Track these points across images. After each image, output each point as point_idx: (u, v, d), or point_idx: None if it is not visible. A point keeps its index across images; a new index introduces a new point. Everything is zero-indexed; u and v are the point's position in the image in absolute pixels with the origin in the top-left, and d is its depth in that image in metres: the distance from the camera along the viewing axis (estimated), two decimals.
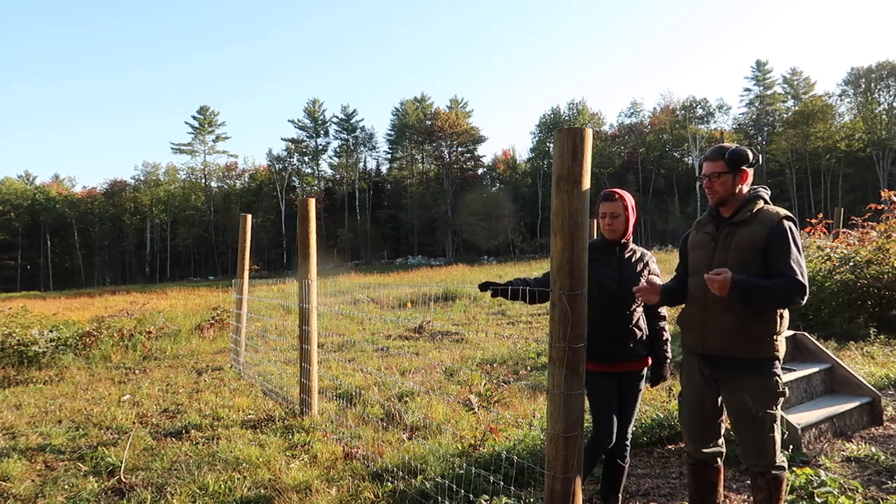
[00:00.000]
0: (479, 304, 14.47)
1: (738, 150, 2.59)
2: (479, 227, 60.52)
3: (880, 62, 57.23)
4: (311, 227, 5.34)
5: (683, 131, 63.64)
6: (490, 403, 5.24)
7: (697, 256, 2.74)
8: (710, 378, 2.69)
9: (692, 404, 2.78)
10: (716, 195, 2.65)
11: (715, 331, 2.62)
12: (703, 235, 2.74)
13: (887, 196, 8.44)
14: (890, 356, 6.37)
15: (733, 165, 2.59)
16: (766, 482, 2.59)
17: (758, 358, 2.55)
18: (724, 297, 2.45)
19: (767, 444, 2.56)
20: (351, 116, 73.53)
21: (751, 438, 2.58)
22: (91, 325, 9.48)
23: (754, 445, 2.58)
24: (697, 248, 2.75)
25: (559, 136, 2.27)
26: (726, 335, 2.58)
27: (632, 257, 3.11)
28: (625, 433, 3.12)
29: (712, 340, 2.63)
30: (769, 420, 2.55)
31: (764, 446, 2.57)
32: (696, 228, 2.83)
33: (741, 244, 2.56)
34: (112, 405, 5.94)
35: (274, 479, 3.81)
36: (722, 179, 2.62)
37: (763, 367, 2.56)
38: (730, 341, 2.58)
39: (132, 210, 72.10)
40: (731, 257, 2.57)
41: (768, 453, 2.57)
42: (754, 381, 2.56)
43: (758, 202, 2.61)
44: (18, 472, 4.12)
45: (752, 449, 2.59)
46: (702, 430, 2.77)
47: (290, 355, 7.98)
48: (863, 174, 56.83)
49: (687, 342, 2.79)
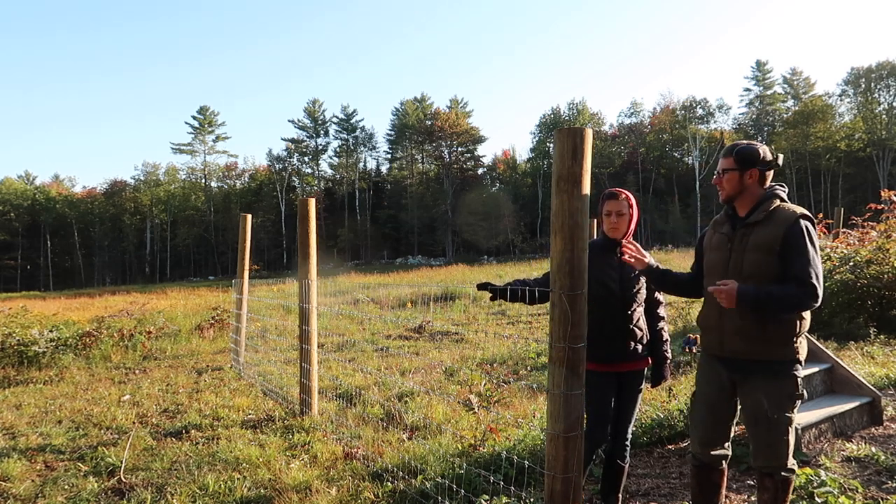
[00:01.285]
0: (479, 304, 14.46)
1: (747, 147, 2.57)
2: (479, 227, 60.49)
3: (880, 62, 57.20)
4: (311, 227, 5.34)
5: (683, 131, 63.60)
6: (490, 403, 5.24)
7: (714, 258, 2.68)
8: (727, 380, 2.65)
9: (706, 405, 2.74)
10: (723, 192, 2.64)
11: (732, 334, 2.57)
12: (719, 236, 2.68)
13: (887, 196, 8.44)
14: (890, 356, 6.37)
15: (741, 163, 2.56)
16: (773, 483, 2.56)
17: (776, 360, 2.51)
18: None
19: (781, 446, 2.53)
20: (351, 116, 73.52)
21: (764, 440, 2.55)
22: (91, 326, 9.47)
23: (768, 447, 2.55)
24: (714, 250, 2.69)
25: (559, 137, 2.27)
26: (743, 338, 2.53)
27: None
28: (625, 433, 3.12)
29: (730, 343, 2.59)
30: (785, 423, 2.51)
31: (777, 449, 2.53)
32: (712, 228, 2.78)
33: (757, 245, 2.50)
34: (112, 405, 5.94)
35: (274, 479, 3.81)
36: (728, 176, 2.59)
37: (781, 369, 2.51)
38: (747, 344, 2.53)
39: (132, 210, 72.05)
40: (747, 259, 2.51)
41: (781, 455, 2.54)
42: (771, 384, 2.52)
43: (774, 201, 2.54)
44: (18, 472, 4.12)
45: (765, 450, 2.56)
46: (712, 432, 2.74)
47: (290, 355, 7.98)
48: (863, 174, 56.81)
49: (705, 343, 2.76)
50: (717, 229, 2.73)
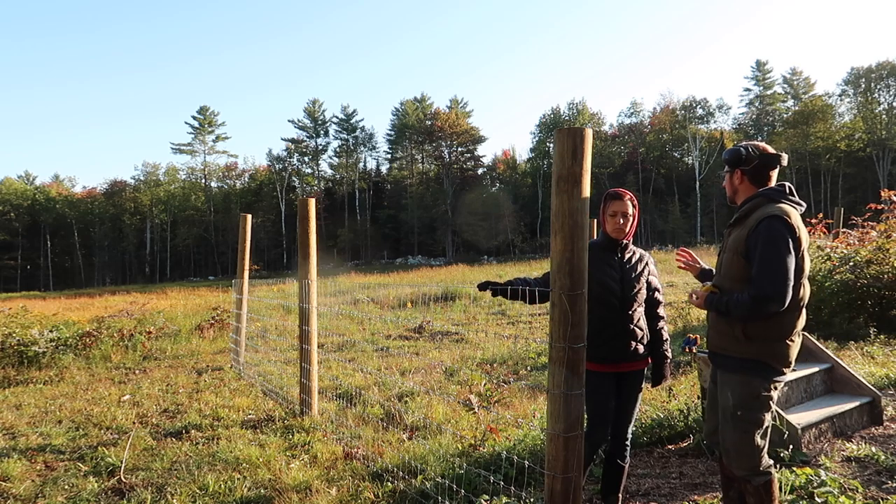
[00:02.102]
0: (479, 304, 14.46)
1: (731, 149, 2.67)
2: (479, 227, 60.48)
3: (880, 62, 57.14)
4: (311, 227, 5.34)
5: (683, 131, 63.59)
6: (490, 403, 5.24)
7: (719, 258, 2.78)
8: (715, 374, 2.74)
9: (708, 400, 2.88)
10: (727, 193, 2.74)
11: (713, 329, 2.69)
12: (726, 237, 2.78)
13: (887, 196, 8.43)
14: (890, 356, 6.37)
15: (727, 164, 2.68)
16: (753, 488, 2.52)
17: (747, 358, 2.50)
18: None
19: (747, 448, 2.49)
20: (351, 116, 73.51)
21: (730, 439, 2.54)
22: (91, 326, 9.48)
23: (734, 446, 2.53)
24: (721, 251, 2.77)
25: (559, 137, 2.27)
26: (718, 334, 2.63)
27: (632, 257, 3.11)
28: (625, 433, 3.12)
29: (711, 337, 2.71)
30: (752, 423, 2.49)
31: (743, 450, 2.50)
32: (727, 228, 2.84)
33: (729, 246, 2.59)
34: (112, 405, 5.94)
35: (274, 479, 3.81)
36: (725, 178, 2.71)
37: (753, 367, 2.49)
38: (721, 339, 2.61)
39: (132, 210, 72.04)
40: (724, 259, 2.62)
41: (748, 457, 2.50)
42: (737, 380, 2.53)
43: (758, 201, 2.52)
44: (18, 472, 4.12)
45: (732, 451, 2.55)
46: (713, 422, 2.80)
47: (290, 355, 7.98)
48: (863, 174, 56.79)
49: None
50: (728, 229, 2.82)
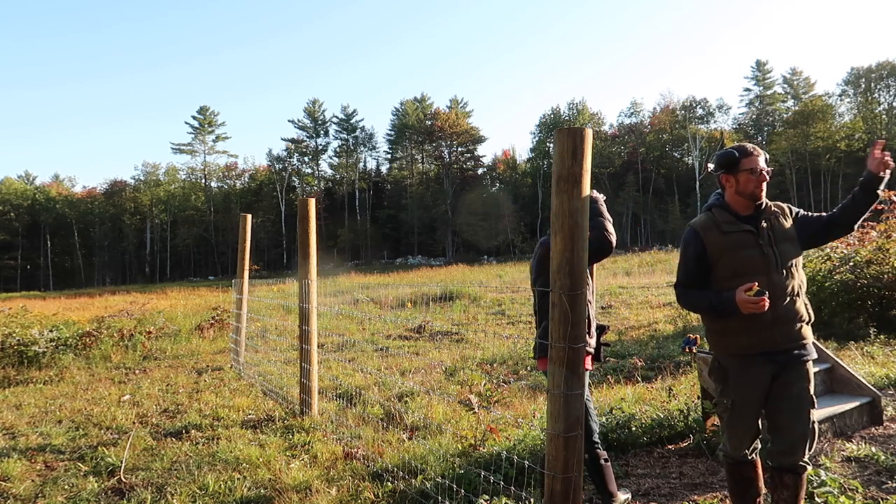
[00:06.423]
0: (479, 304, 14.46)
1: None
2: (479, 227, 60.47)
3: (880, 62, 57.23)
4: (311, 227, 5.34)
5: (683, 131, 63.60)
6: (490, 403, 5.24)
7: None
8: (770, 376, 2.57)
9: (752, 407, 2.63)
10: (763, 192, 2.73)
11: (783, 325, 2.53)
12: None
13: (887, 196, 8.43)
14: (890, 356, 6.37)
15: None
16: (793, 480, 2.56)
17: (812, 344, 2.63)
18: (787, 291, 2.54)
19: (812, 436, 2.58)
20: (351, 116, 73.50)
21: (802, 431, 2.55)
22: (91, 326, 9.48)
23: (810, 435, 2.57)
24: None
25: (559, 137, 2.27)
26: (792, 329, 2.56)
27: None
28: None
29: (780, 336, 2.54)
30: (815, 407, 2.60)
31: (811, 439, 2.58)
32: None
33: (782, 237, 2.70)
34: (112, 405, 5.94)
35: (274, 479, 3.81)
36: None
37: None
38: (796, 334, 2.57)
39: (132, 210, 72.02)
40: (780, 250, 2.68)
41: (810, 446, 2.58)
42: (809, 369, 2.60)
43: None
44: (18, 472, 4.12)
45: (801, 443, 2.55)
46: (756, 431, 2.68)
47: (290, 355, 7.98)
48: (862, 174, 56.80)
49: (746, 345, 2.58)
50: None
